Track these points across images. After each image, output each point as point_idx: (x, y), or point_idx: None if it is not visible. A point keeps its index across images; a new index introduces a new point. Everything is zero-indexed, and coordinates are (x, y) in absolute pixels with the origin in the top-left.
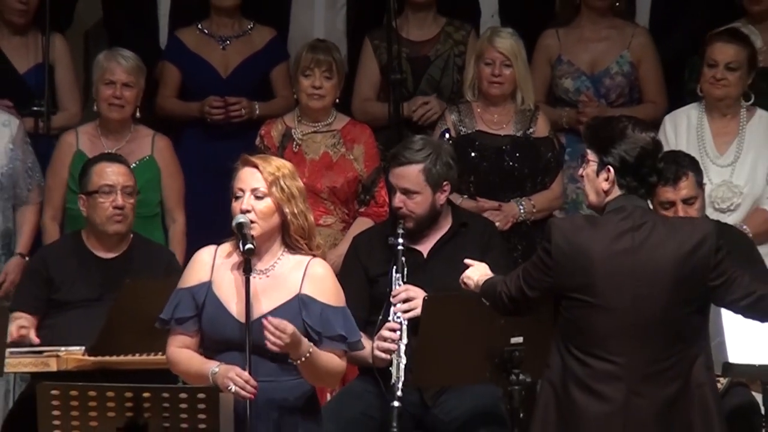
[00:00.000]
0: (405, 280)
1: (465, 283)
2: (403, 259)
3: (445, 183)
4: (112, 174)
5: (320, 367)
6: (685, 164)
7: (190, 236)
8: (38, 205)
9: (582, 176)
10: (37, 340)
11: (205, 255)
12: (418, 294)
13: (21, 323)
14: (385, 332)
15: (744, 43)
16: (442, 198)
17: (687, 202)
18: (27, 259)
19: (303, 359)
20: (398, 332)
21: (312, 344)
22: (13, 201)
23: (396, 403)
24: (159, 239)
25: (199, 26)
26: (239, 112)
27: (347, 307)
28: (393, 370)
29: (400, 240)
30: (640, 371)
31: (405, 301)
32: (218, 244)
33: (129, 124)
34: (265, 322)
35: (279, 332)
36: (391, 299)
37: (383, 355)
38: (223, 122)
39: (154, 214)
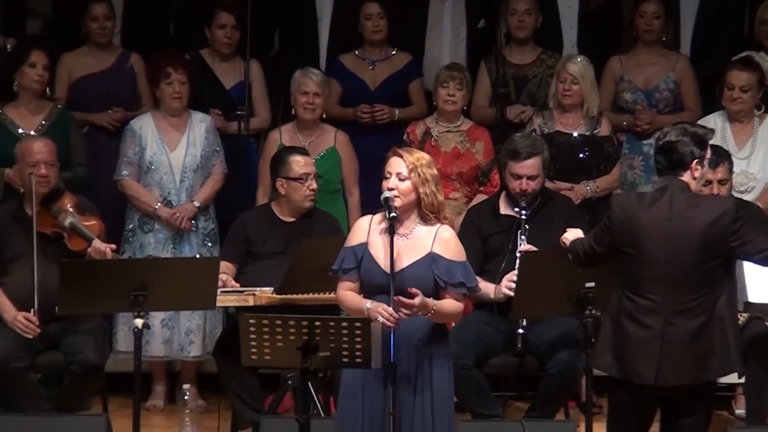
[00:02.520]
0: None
1: (563, 243)
2: (526, 226)
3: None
4: (306, 166)
5: (444, 314)
6: (723, 154)
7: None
8: (219, 175)
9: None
10: (236, 285)
11: (363, 222)
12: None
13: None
14: (510, 276)
15: (755, 68)
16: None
17: (721, 182)
18: (197, 206)
19: (430, 314)
20: None
21: (435, 302)
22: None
23: (520, 330)
24: (341, 209)
25: (356, 52)
26: (383, 115)
27: (467, 262)
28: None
29: (524, 212)
30: (673, 307)
31: None
32: (373, 213)
33: (318, 123)
34: (396, 299)
35: (409, 305)
36: (517, 253)
37: (508, 292)
38: (370, 123)
39: (336, 190)
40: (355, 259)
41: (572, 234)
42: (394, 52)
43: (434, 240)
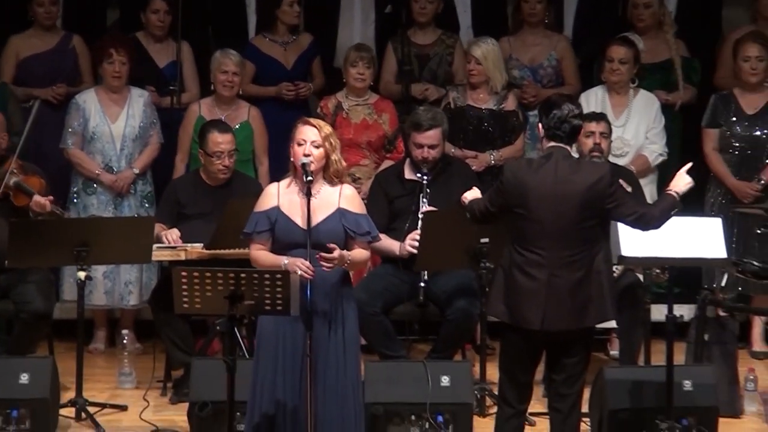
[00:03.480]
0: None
1: (463, 201)
2: (428, 189)
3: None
4: (223, 143)
5: (356, 263)
6: (603, 115)
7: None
8: (156, 144)
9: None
10: (177, 238)
11: (272, 189)
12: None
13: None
14: (413, 235)
15: (631, 45)
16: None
17: (603, 135)
18: (136, 172)
19: (345, 265)
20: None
21: (349, 253)
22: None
23: (422, 284)
24: (251, 175)
25: (264, 35)
26: (307, 90)
27: (369, 216)
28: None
29: (425, 177)
30: (557, 261)
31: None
32: (279, 181)
33: (235, 99)
34: (318, 256)
35: (330, 259)
36: (419, 214)
37: (412, 250)
38: (294, 99)
39: (248, 159)
40: (269, 222)
41: (471, 194)
42: (297, 33)
43: (340, 197)
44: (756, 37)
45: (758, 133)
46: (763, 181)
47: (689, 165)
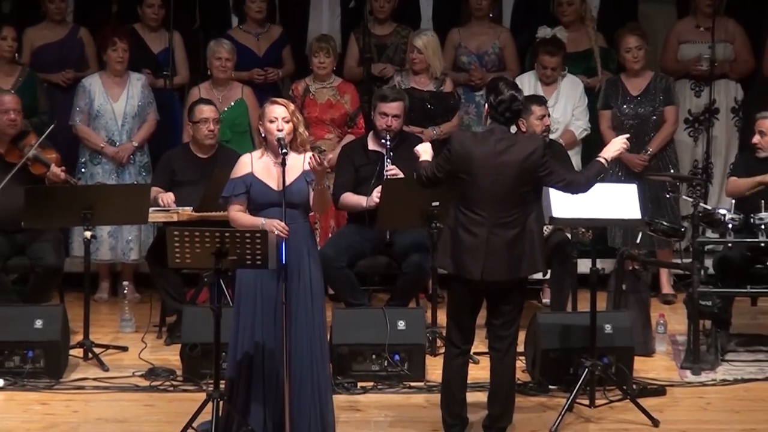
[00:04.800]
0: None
1: (416, 152)
2: (392, 153)
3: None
4: (207, 111)
5: (325, 197)
6: (543, 99)
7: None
8: (153, 121)
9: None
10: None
11: (245, 158)
12: (397, 170)
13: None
14: (378, 189)
15: (560, 48)
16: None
17: (548, 116)
18: (136, 145)
19: (321, 188)
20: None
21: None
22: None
23: (388, 239)
24: (248, 146)
25: (241, 27)
26: (275, 75)
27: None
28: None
29: (389, 143)
30: (495, 221)
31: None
32: (251, 152)
33: (228, 81)
34: (311, 156)
35: (319, 162)
36: (385, 172)
37: (376, 200)
38: (264, 82)
39: (245, 131)
40: (244, 186)
41: (422, 147)
42: (268, 25)
43: (304, 162)
44: (633, 30)
45: (642, 110)
46: (649, 152)
47: (626, 135)
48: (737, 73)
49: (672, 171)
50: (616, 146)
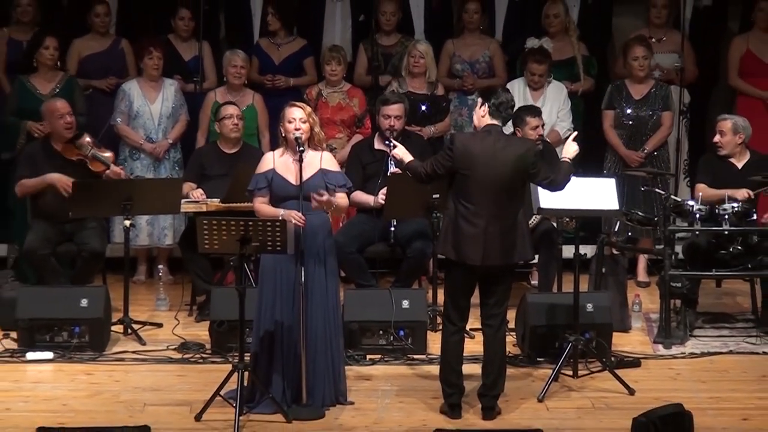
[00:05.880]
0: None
1: (398, 156)
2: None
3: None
4: (230, 109)
5: (340, 207)
6: (539, 110)
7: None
8: (184, 121)
9: (475, 112)
10: (200, 194)
11: (268, 156)
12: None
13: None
14: (383, 191)
15: (546, 58)
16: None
17: (543, 126)
18: (170, 142)
19: (331, 209)
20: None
21: (334, 198)
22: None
23: (392, 228)
24: (255, 146)
25: (269, 38)
26: (281, 83)
27: (346, 175)
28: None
29: (393, 142)
30: (492, 213)
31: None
32: (273, 150)
33: (242, 87)
34: (313, 196)
35: (321, 201)
36: (390, 163)
37: (382, 201)
38: (272, 88)
39: (253, 134)
40: (266, 181)
41: (401, 151)
42: (293, 37)
43: (320, 160)
44: (641, 40)
45: (643, 113)
46: (646, 150)
47: (575, 134)
48: (685, 80)
49: (664, 169)
50: (574, 147)
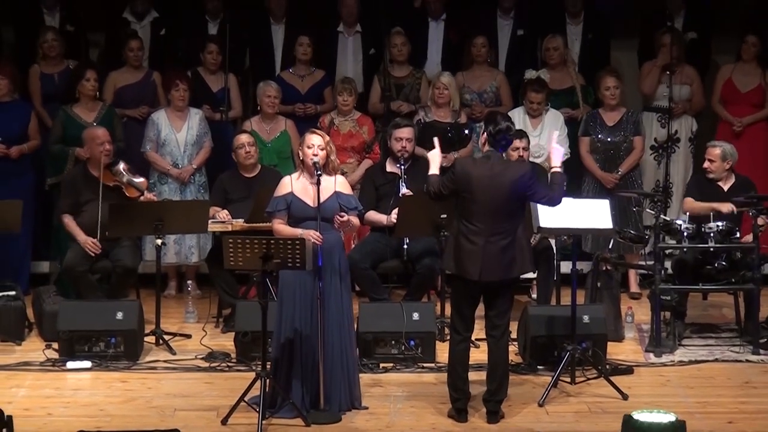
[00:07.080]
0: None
1: (431, 157)
2: (405, 176)
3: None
4: (242, 138)
5: (353, 226)
6: (524, 133)
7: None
8: (208, 147)
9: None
10: (226, 215)
11: (286, 180)
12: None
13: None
14: (395, 213)
15: (543, 87)
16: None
17: (524, 149)
18: (195, 167)
19: (348, 227)
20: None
21: (354, 220)
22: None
23: (405, 245)
24: (291, 169)
25: (290, 70)
26: (312, 110)
27: (360, 195)
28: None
29: (403, 166)
30: (491, 231)
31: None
32: (290, 174)
33: (275, 115)
34: (336, 218)
35: (344, 221)
36: (401, 194)
37: (394, 220)
38: (303, 116)
39: (288, 157)
40: (285, 203)
41: (431, 156)
42: (314, 69)
43: (335, 184)
44: (611, 72)
45: (616, 139)
46: (620, 172)
47: (556, 133)
48: (693, 110)
49: (637, 189)
50: (558, 154)
